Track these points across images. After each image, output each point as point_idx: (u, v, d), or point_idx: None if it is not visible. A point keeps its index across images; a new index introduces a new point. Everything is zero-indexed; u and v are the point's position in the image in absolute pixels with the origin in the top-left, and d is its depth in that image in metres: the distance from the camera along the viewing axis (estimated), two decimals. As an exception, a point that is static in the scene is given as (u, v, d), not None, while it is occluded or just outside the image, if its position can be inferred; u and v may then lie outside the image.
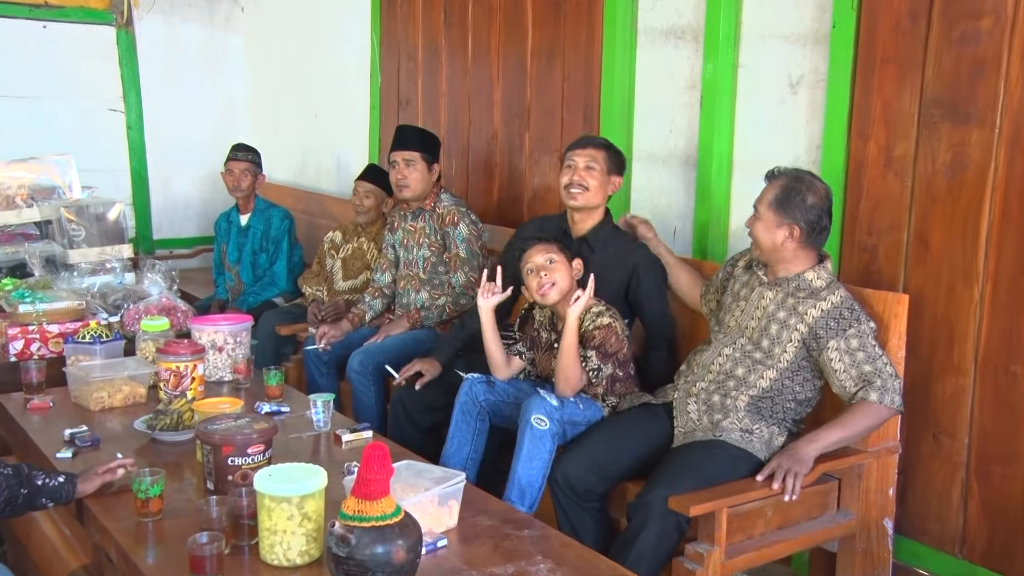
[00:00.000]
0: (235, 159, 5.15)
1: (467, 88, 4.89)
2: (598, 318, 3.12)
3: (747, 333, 2.91)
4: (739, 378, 2.88)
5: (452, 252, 4.08)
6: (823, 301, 2.77)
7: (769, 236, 2.83)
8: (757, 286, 2.94)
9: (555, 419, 2.93)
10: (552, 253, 3.14)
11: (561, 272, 3.14)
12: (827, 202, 2.81)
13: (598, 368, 3.07)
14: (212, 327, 3.66)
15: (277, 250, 5.15)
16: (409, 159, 4.10)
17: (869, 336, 2.74)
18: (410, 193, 4.12)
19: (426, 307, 4.15)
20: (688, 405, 2.95)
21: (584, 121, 4.16)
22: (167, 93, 6.91)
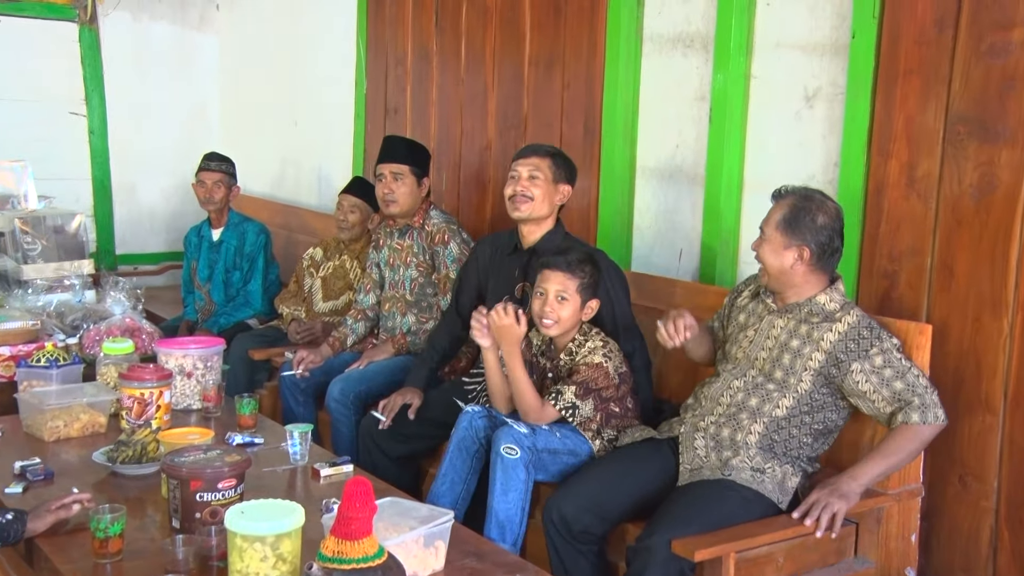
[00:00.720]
0: (207, 169, 5.15)
1: (460, 97, 4.90)
2: (590, 355, 3.15)
3: (757, 365, 2.92)
4: (752, 409, 2.88)
5: (441, 273, 4.08)
6: (839, 323, 2.79)
7: (777, 259, 2.85)
8: (766, 315, 2.95)
9: (525, 447, 2.96)
10: (568, 289, 3.17)
11: (569, 311, 3.17)
12: (838, 222, 2.83)
13: (572, 406, 3.09)
14: (180, 351, 3.65)
15: (252, 268, 5.15)
16: (397, 172, 4.11)
17: (893, 351, 2.75)
18: (397, 209, 4.13)
19: (412, 331, 4.15)
20: (695, 440, 2.95)
21: (585, 133, 4.17)
22: (134, 96, 6.93)
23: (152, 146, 7.03)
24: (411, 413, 3.57)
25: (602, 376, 3.11)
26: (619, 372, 3.16)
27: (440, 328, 3.83)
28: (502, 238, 3.70)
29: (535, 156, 3.48)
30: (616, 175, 4.06)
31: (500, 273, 3.64)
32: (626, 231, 4.09)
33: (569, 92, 4.25)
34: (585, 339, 3.20)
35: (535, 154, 3.49)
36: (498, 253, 3.67)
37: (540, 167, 3.46)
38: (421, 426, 3.58)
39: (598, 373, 3.11)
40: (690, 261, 3.84)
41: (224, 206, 5.19)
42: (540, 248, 3.49)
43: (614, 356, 3.17)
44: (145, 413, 3.29)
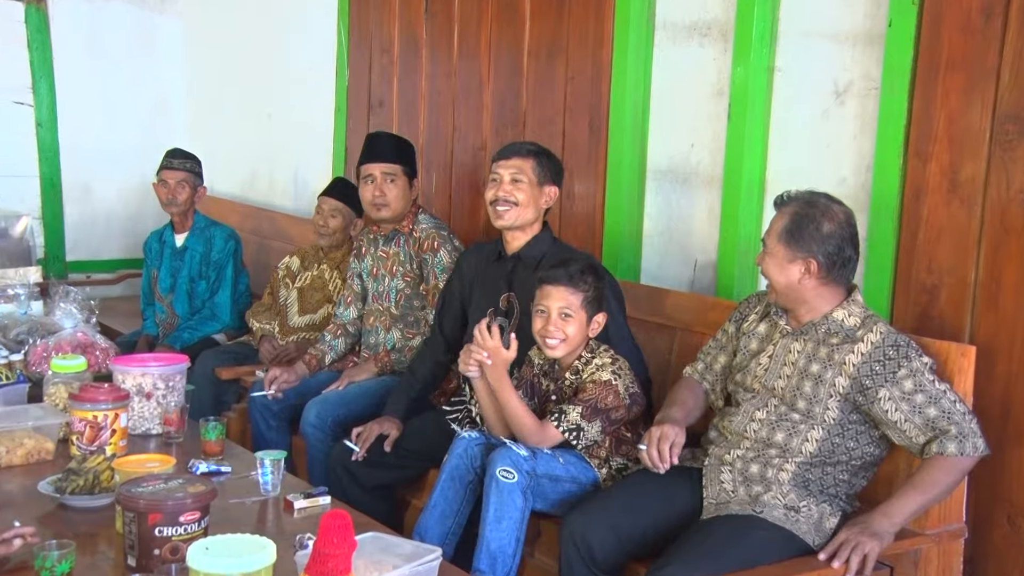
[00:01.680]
0: (170, 167, 5.14)
1: (452, 90, 4.91)
2: (598, 371, 3.15)
3: (777, 393, 2.92)
4: (780, 445, 2.88)
5: (430, 284, 4.08)
6: (861, 343, 2.79)
7: (782, 274, 2.85)
8: (780, 338, 2.95)
9: (523, 470, 2.97)
10: (572, 305, 3.17)
11: (575, 328, 3.18)
12: (848, 228, 2.83)
13: (577, 428, 3.09)
14: (138, 369, 3.64)
15: (219, 277, 5.13)
16: (390, 173, 4.12)
17: (925, 373, 2.75)
18: (389, 213, 4.13)
19: (397, 348, 4.14)
20: (721, 474, 2.95)
21: (590, 131, 4.18)
22: (87, 84, 6.92)
23: (108, 140, 7.02)
24: (387, 445, 3.58)
25: (611, 395, 3.11)
26: (630, 392, 3.16)
27: (422, 352, 3.85)
28: (486, 247, 3.73)
29: (517, 157, 3.50)
30: (624, 178, 4.06)
31: (484, 284, 3.65)
32: (635, 240, 4.10)
33: (573, 86, 4.26)
34: (592, 356, 3.21)
35: (516, 154, 3.51)
36: (482, 263, 3.68)
37: (523, 169, 3.49)
38: (399, 457, 3.59)
39: (607, 392, 3.11)
40: (706, 273, 3.84)
41: (189, 208, 5.18)
42: (525, 255, 3.52)
43: (624, 374, 3.17)
44: (98, 438, 3.28)
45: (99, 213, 7.09)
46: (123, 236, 7.13)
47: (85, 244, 7.04)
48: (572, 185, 4.24)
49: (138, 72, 7.13)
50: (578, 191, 4.26)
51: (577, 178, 4.24)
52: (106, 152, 7.02)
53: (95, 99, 6.97)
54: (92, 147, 6.97)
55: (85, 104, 6.93)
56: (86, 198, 7.03)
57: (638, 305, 3.75)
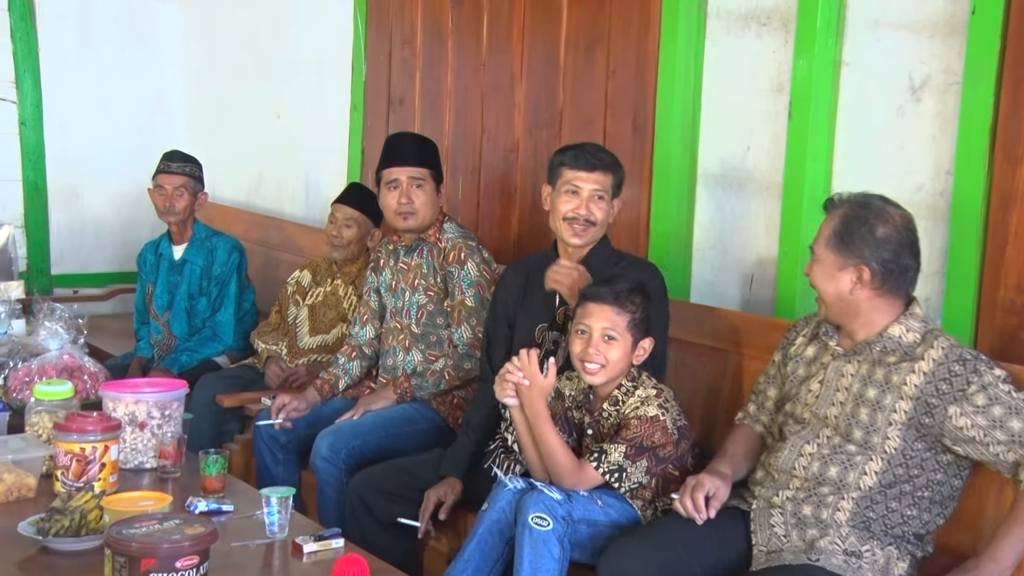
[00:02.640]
0: (167, 171, 5.16)
1: (480, 86, 4.91)
2: (643, 406, 3.14)
3: (830, 423, 2.90)
4: (834, 481, 2.86)
5: (456, 299, 4.08)
6: (922, 361, 2.78)
7: (831, 283, 2.86)
8: (831, 361, 2.94)
9: (558, 516, 2.97)
10: (617, 326, 3.17)
11: (617, 353, 3.17)
12: (906, 233, 2.83)
13: (619, 469, 3.08)
14: (131, 395, 3.64)
15: (222, 293, 5.15)
16: (417, 178, 4.14)
17: (999, 384, 2.72)
18: (417, 222, 4.15)
19: (419, 372, 4.14)
20: (771, 518, 2.93)
21: (634, 131, 4.18)
22: (76, 79, 6.95)
23: (99, 141, 7.04)
24: (443, 513, 3.56)
25: (659, 432, 3.11)
26: (679, 426, 3.16)
27: (476, 400, 3.83)
28: (530, 262, 3.74)
29: (601, 171, 3.55)
30: (672, 184, 4.06)
31: (534, 298, 3.67)
32: (684, 253, 4.09)
33: (615, 81, 4.25)
34: (634, 385, 3.20)
35: (600, 167, 3.55)
36: (531, 280, 3.70)
37: (606, 185, 3.56)
38: (421, 491, 3.60)
39: (653, 428, 3.10)
40: (764, 290, 3.83)
41: (188, 217, 5.19)
42: (586, 265, 3.54)
43: (671, 407, 3.17)
44: (86, 473, 3.27)
45: (88, 222, 7.12)
46: (115, 247, 7.15)
47: (72, 256, 7.06)
48: None
49: (133, 65, 7.15)
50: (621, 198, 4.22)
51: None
52: (96, 154, 7.04)
53: (85, 95, 7.00)
54: (81, 148, 6.99)
55: (74, 101, 6.96)
56: (74, 205, 7.06)
57: (687, 325, 3.74)
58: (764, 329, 3.58)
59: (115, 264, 7.14)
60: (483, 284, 4.07)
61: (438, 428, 4.06)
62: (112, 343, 5.85)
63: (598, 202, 3.53)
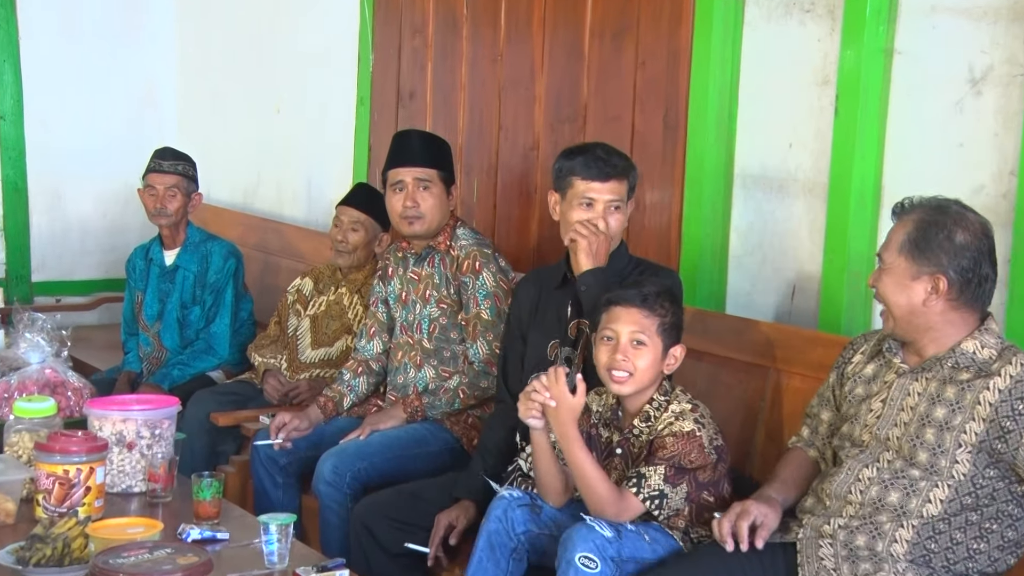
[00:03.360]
0: (159, 170, 5.16)
1: (498, 78, 4.91)
2: (677, 420, 3.13)
3: (891, 445, 2.89)
4: (893, 507, 2.84)
5: (470, 312, 4.08)
6: (997, 378, 2.76)
7: (903, 294, 2.84)
8: (895, 378, 2.93)
9: (607, 557, 2.93)
10: (647, 330, 3.16)
11: (647, 360, 3.16)
12: (985, 241, 2.82)
13: (660, 495, 3.06)
14: (119, 413, 3.64)
15: (217, 303, 5.15)
16: (424, 179, 4.13)
17: None
18: (423, 227, 4.15)
19: (431, 390, 4.14)
20: (820, 549, 2.91)
21: (665, 128, 4.17)
22: (59, 71, 6.94)
23: (84, 138, 7.04)
24: (454, 538, 3.56)
25: (695, 451, 3.09)
26: (715, 445, 3.14)
27: (491, 423, 3.82)
28: (545, 272, 3.76)
29: (615, 179, 3.53)
30: (707, 185, 4.05)
31: (546, 312, 3.67)
32: (719, 261, 4.09)
33: (644, 73, 4.24)
34: (667, 399, 3.20)
35: (615, 175, 3.53)
36: (543, 290, 3.71)
37: (621, 193, 3.55)
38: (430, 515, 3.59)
39: (690, 446, 3.09)
40: (806, 301, 3.81)
41: (181, 220, 5.19)
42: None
43: (708, 423, 3.15)
44: (69, 497, 3.27)
45: (72, 224, 7.12)
46: (101, 252, 7.15)
47: (55, 262, 7.07)
48: (642, 193, 4.23)
49: (121, 56, 7.16)
50: (650, 201, 4.25)
51: (649, 185, 4.23)
52: (81, 151, 7.04)
53: (69, 88, 7.00)
54: (65, 145, 6.99)
55: (57, 94, 6.96)
56: (57, 206, 7.06)
57: (722, 339, 3.74)
58: (806, 344, 3.56)
59: (101, 271, 7.14)
60: (500, 295, 4.06)
61: (451, 450, 4.05)
62: (98, 356, 5.85)
63: (614, 213, 3.53)
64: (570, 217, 3.54)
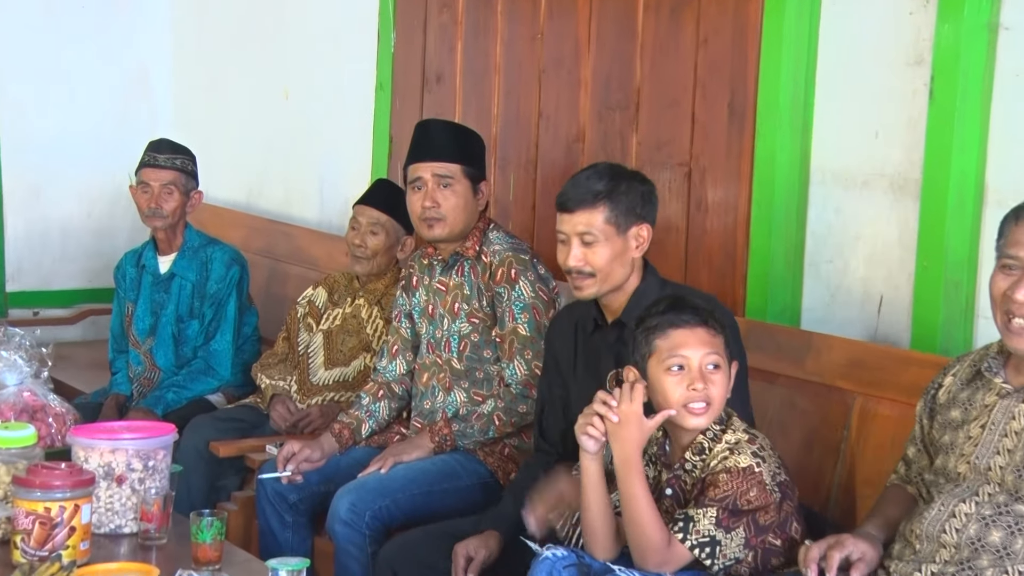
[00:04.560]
0: (154, 164, 5.17)
1: (537, 60, 4.92)
2: (732, 454, 3.09)
3: (993, 477, 2.87)
4: (995, 549, 2.82)
5: (506, 327, 4.08)
6: None
7: None
8: (997, 400, 2.92)
9: None
10: (719, 351, 3.14)
11: (724, 385, 3.13)
12: None
13: (711, 541, 3.03)
14: (107, 442, 3.64)
15: (218, 316, 5.16)
16: (444, 175, 4.13)
17: None
18: (444, 231, 4.14)
19: (461, 417, 4.13)
20: (910, 600, 2.91)
21: (730, 116, 4.17)
22: (39, 52, 6.97)
23: (67, 128, 7.06)
24: (472, 572, 3.55)
25: (754, 488, 3.05)
26: (779, 481, 3.11)
27: (528, 470, 3.79)
28: (578, 310, 3.74)
29: (582, 209, 3.51)
30: (778, 181, 4.06)
31: (586, 364, 3.67)
32: (793, 269, 4.08)
33: (707, 52, 4.25)
34: (722, 429, 3.17)
35: (581, 205, 3.51)
36: (578, 334, 3.71)
37: (592, 223, 3.51)
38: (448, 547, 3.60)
39: (747, 483, 3.05)
40: (896, 314, 3.81)
41: (178, 221, 5.21)
42: (632, 316, 3.48)
43: (769, 456, 3.11)
44: (52, 539, 3.26)
45: (53, 226, 7.14)
46: (85, 258, 7.18)
47: (33, 269, 7.09)
48: (703, 191, 4.23)
49: (109, 35, 7.18)
50: (712, 200, 4.26)
51: (711, 181, 4.24)
52: (64, 144, 7.06)
53: (51, 73, 7.02)
54: (45, 137, 7.01)
55: (37, 79, 6.99)
56: (35, 205, 7.08)
57: (797, 359, 3.74)
58: (896, 364, 3.55)
59: (85, 279, 7.17)
60: (539, 308, 4.05)
61: (485, 485, 4.06)
62: (82, 377, 5.87)
63: (591, 248, 3.49)
64: (558, 256, 3.58)
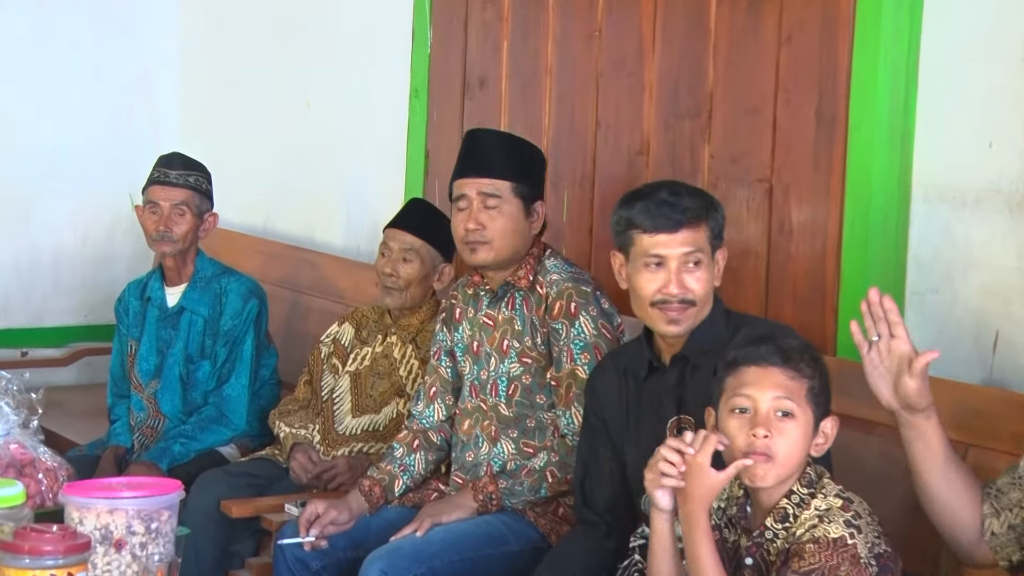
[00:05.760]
0: (164, 182, 5.19)
1: (594, 61, 4.94)
2: (822, 523, 3.07)
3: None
4: None
5: (563, 369, 4.07)
6: None
7: None
8: None
9: None
10: (794, 396, 3.11)
11: (795, 437, 3.10)
12: None
13: None
14: (104, 502, 3.59)
15: (233, 356, 5.18)
16: (491, 194, 4.14)
17: None
18: (488, 256, 4.15)
19: (510, 472, 4.14)
20: None
21: (818, 124, 4.18)
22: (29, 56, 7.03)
23: (60, 141, 7.11)
24: None
25: (846, 563, 3.01)
26: (876, 553, 3.06)
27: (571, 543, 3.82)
28: (626, 356, 3.78)
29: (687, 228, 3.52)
30: (875, 199, 4.07)
31: (640, 412, 3.68)
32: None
33: (790, 50, 4.27)
34: (811, 493, 3.14)
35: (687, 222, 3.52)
36: (627, 383, 3.72)
37: (700, 243, 3.55)
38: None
39: (839, 558, 3.01)
40: (1014, 353, 3.80)
41: (190, 247, 5.23)
42: (696, 350, 3.55)
43: (866, 525, 3.08)
44: (43, 612, 3.26)
45: (44, 253, 7.19)
46: (81, 290, 7.23)
47: (21, 303, 7.13)
48: (787, 211, 4.27)
49: (109, 37, 7.25)
50: (796, 221, 4.27)
51: (795, 199, 4.26)
52: (56, 159, 7.11)
53: (42, 77, 7.08)
54: (34, 151, 7.07)
55: (26, 84, 7.05)
56: (23, 230, 7.12)
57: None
58: (1015, 411, 3.55)
59: (80, 314, 7.22)
60: (601, 347, 4.04)
61: (536, 550, 4.04)
62: (76, 427, 5.90)
63: (692, 271, 3.52)
64: (639, 284, 3.54)
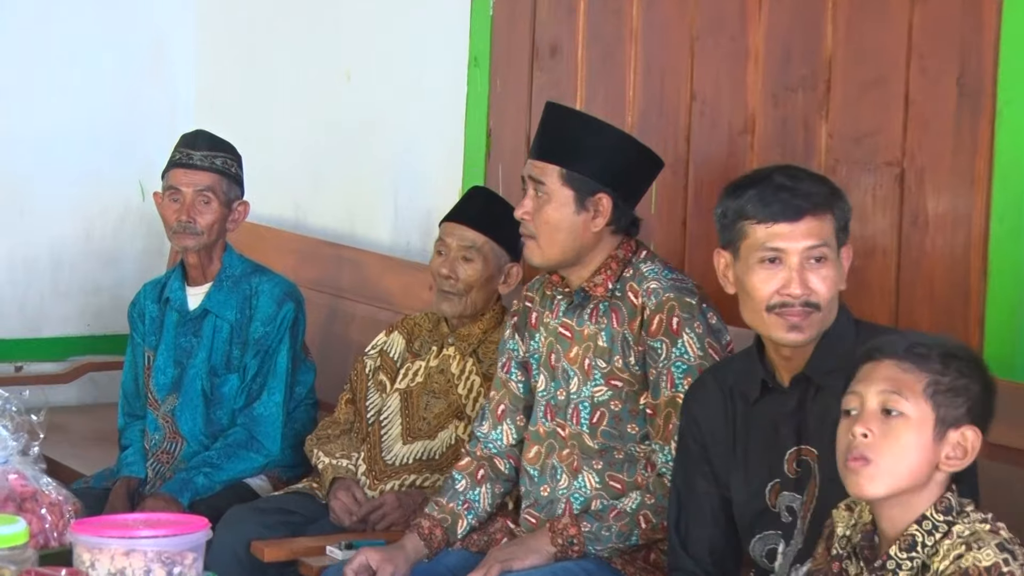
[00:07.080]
0: (188, 164, 5.21)
1: (688, 23, 4.95)
2: (971, 550, 3.01)
3: None
4: None
5: (662, 395, 4.06)
6: None
7: None
8: None
9: None
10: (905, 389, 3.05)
11: (900, 440, 3.04)
12: None
13: None
14: (119, 542, 3.59)
15: (265, 369, 5.20)
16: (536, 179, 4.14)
17: None
18: (536, 255, 4.18)
19: (595, 512, 4.11)
20: None
21: (960, 98, 4.18)
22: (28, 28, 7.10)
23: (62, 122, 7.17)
24: None
25: None
26: None
27: None
28: (731, 375, 3.76)
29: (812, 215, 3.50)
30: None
31: (748, 442, 3.69)
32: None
33: (925, 9, 4.27)
34: (949, 520, 3.09)
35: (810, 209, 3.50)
36: (733, 406, 3.71)
37: (826, 236, 3.53)
38: None
39: None
40: None
41: (216, 241, 5.26)
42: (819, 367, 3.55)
43: (1019, 550, 3.03)
44: (49, 668, 3.28)
45: (42, 251, 7.23)
46: (84, 294, 7.28)
47: (15, 310, 7.18)
48: (922, 200, 4.29)
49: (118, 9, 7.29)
50: (933, 211, 4.26)
51: (932, 187, 4.27)
52: (56, 142, 7.17)
53: (41, 51, 7.13)
54: (31, 134, 7.13)
55: (23, 60, 7.09)
56: (18, 225, 7.17)
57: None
58: None
59: (84, 323, 7.27)
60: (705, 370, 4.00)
61: (625, 605, 4.05)
62: (80, 455, 5.93)
63: (817, 268, 3.48)
64: (752, 285, 3.49)
